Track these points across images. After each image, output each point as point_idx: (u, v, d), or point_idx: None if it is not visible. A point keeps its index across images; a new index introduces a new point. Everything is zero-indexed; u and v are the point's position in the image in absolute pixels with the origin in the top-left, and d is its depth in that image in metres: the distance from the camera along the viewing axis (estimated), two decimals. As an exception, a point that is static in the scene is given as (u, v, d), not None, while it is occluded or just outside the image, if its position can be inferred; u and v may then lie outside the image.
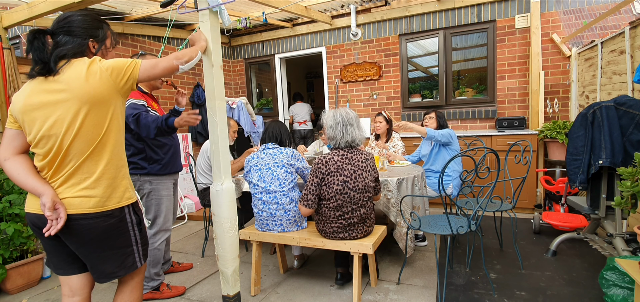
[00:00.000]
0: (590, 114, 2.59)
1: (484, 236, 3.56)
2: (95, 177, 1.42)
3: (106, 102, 1.42)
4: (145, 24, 4.83)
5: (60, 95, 1.36)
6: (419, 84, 5.43)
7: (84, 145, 1.39)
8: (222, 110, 2.07)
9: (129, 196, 1.53)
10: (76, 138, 1.37)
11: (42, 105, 1.36)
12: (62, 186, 1.40)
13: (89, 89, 1.36)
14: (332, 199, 2.34)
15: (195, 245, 3.80)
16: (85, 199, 1.40)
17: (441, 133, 3.31)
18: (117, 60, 1.45)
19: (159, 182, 2.55)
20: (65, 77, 1.36)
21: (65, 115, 1.35)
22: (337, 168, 2.32)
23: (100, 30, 1.55)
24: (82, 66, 1.38)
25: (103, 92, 1.40)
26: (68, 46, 1.42)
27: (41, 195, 1.36)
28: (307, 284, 2.77)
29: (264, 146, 2.71)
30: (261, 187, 2.58)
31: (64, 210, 1.36)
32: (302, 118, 6.36)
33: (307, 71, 10.08)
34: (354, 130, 2.38)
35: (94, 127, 1.40)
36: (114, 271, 1.52)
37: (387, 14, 5.21)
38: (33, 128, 1.38)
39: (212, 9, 1.99)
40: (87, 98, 1.36)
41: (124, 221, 1.50)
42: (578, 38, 4.24)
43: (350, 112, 2.44)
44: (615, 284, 2.09)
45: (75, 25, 1.46)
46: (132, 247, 1.54)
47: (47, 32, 1.43)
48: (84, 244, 1.44)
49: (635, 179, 1.95)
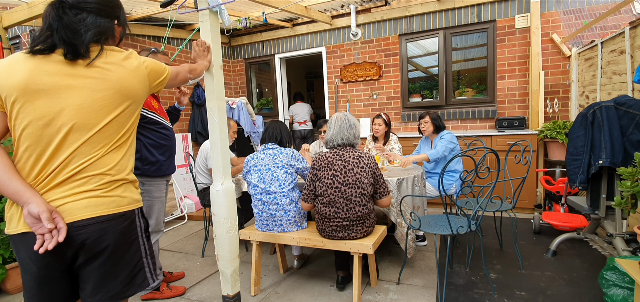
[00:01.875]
0: (590, 114, 2.59)
1: (484, 236, 3.56)
2: (108, 177, 1.23)
3: (139, 100, 1.32)
4: (145, 24, 4.83)
5: (88, 81, 1.18)
6: (419, 84, 5.43)
7: (107, 140, 1.22)
8: (222, 110, 2.07)
9: (139, 198, 1.36)
10: (101, 131, 1.20)
11: (58, 88, 1.15)
12: (59, 188, 1.17)
13: (128, 83, 1.25)
14: (324, 195, 2.41)
15: (195, 245, 3.80)
16: (95, 200, 1.19)
17: (443, 149, 3.29)
18: (156, 62, 1.40)
19: (152, 183, 2.48)
20: (100, 64, 1.20)
21: (92, 104, 1.18)
22: (328, 164, 2.42)
23: (121, 10, 1.36)
24: (118, 56, 1.26)
25: (139, 89, 1.30)
26: (100, 28, 1.23)
27: (27, 203, 1.10)
28: (307, 284, 2.77)
29: (264, 146, 2.71)
30: (261, 188, 2.58)
31: (62, 218, 1.13)
32: (302, 118, 6.37)
33: (307, 71, 10.07)
34: (330, 130, 2.50)
35: (121, 123, 1.26)
36: (122, 290, 1.27)
37: (387, 14, 5.21)
38: (31, 113, 1.14)
39: (212, 9, 1.99)
40: (126, 92, 1.24)
41: (135, 226, 1.31)
42: (578, 38, 4.24)
43: (344, 115, 2.54)
44: (615, 284, 2.09)
45: (103, 3, 1.25)
46: (142, 259, 1.33)
47: (67, 3, 1.18)
48: (93, 257, 1.21)
49: (635, 179, 1.95)
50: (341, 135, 2.47)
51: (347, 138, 2.47)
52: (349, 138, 2.47)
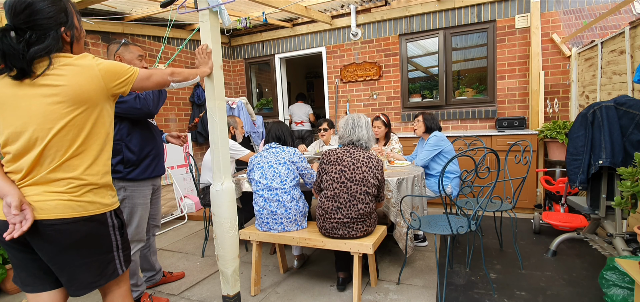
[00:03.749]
0: (590, 114, 2.59)
1: (484, 236, 3.56)
2: (76, 181, 1.30)
3: (95, 103, 1.32)
4: (145, 24, 4.83)
5: (40, 91, 1.24)
6: (419, 84, 5.43)
7: (66, 145, 1.28)
8: (222, 110, 2.07)
9: (111, 203, 1.42)
10: (56, 137, 1.26)
11: (17, 100, 1.25)
12: (36, 187, 1.27)
13: (79, 88, 1.27)
14: (329, 188, 2.45)
15: (195, 245, 3.80)
16: (63, 203, 1.27)
17: (425, 157, 3.38)
18: (114, 63, 1.38)
19: (135, 188, 2.33)
20: (50, 73, 1.25)
21: (45, 113, 1.25)
22: (337, 159, 2.48)
23: (67, 14, 1.34)
24: (69, 61, 1.29)
25: (93, 91, 1.31)
26: (41, 45, 1.25)
27: (5, 195, 1.23)
28: (307, 284, 2.77)
29: (267, 145, 2.77)
30: (263, 184, 2.60)
31: (31, 212, 1.23)
32: (299, 118, 6.36)
33: (307, 71, 10.07)
34: (361, 131, 2.54)
35: (78, 127, 1.29)
36: (95, 281, 1.38)
37: (387, 14, 5.21)
38: (4, 125, 1.27)
39: (212, 9, 1.99)
40: (77, 97, 1.27)
41: (106, 225, 1.38)
42: (578, 38, 4.24)
43: (363, 117, 2.61)
44: (615, 284, 2.09)
45: (42, 17, 1.27)
46: (113, 253, 1.42)
47: (8, 28, 1.24)
48: (60, 252, 1.30)
49: (635, 179, 1.95)
50: (352, 136, 2.53)
51: (366, 141, 2.54)
52: (368, 142, 2.55)
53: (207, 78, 2.04)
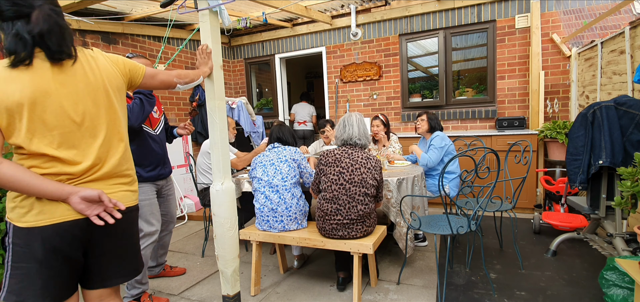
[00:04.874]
0: (590, 114, 2.59)
1: (484, 236, 3.56)
2: (130, 171, 1.42)
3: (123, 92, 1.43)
4: (145, 24, 4.83)
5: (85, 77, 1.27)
6: (419, 84, 5.43)
7: (120, 131, 1.38)
8: (222, 110, 2.07)
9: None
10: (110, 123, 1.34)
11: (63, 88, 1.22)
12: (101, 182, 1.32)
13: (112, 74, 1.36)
14: (327, 190, 2.44)
15: (195, 245, 3.80)
16: (128, 194, 1.39)
17: (436, 157, 3.33)
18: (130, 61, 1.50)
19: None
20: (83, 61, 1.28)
21: (96, 99, 1.29)
22: (335, 160, 2.46)
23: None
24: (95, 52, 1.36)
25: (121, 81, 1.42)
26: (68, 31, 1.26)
27: (72, 193, 1.19)
28: (307, 284, 2.77)
29: (271, 145, 2.82)
30: (264, 180, 2.62)
31: (110, 199, 1.28)
32: (302, 118, 6.36)
33: (307, 71, 10.07)
34: (352, 129, 2.53)
35: (122, 114, 1.40)
36: (131, 272, 1.46)
37: (387, 14, 5.21)
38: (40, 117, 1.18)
39: (212, 9, 1.99)
40: (114, 83, 1.37)
41: (137, 217, 1.50)
42: (578, 38, 4.24)
43: (354, 115, 2.60)
44: (615, 284, 2.09)
45: None
46: (139, 245, 1.53)
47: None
48: (118, 242, 1.38)
49: (635, 179, 1.95)
50: (344, 136, 2.53)
51: (358, 138, 2.52)
52: (361, 138, 2.53)
53: (207, 78, 2.04)
